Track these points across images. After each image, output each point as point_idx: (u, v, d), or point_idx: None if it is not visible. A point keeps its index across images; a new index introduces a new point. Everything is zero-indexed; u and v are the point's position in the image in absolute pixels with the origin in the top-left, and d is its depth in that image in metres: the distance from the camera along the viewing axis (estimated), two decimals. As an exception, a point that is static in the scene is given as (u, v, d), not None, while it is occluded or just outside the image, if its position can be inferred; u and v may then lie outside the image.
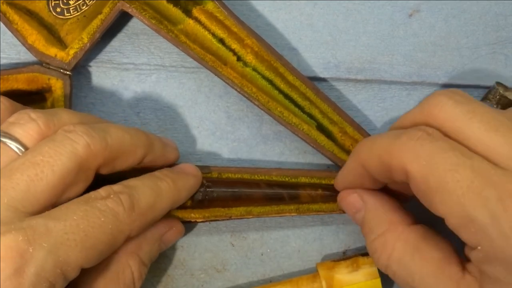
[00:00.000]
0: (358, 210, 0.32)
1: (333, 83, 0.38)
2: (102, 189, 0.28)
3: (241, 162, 0.37)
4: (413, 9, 0.38)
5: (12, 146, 0.27)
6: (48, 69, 0.34)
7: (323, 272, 0.34)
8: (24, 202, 0.25)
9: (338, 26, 0.37)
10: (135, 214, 0.28)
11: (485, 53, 0.38)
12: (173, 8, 0.35)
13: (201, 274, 0.36)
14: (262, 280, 0.37)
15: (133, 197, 0.28)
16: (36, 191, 0.25)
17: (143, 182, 0.29)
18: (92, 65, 0.37)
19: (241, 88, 0.34)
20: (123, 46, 0.37)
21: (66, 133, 0.27)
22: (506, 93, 0.35)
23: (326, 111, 0.35)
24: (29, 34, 0.34)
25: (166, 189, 0.30)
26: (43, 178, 0.26)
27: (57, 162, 0.26)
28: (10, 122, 0.28)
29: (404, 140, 0.26)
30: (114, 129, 0.29)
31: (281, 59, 0.35)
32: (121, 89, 0.37)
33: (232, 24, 0.35)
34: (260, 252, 0.37)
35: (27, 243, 0.23)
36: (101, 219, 0.26)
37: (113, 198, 0.27)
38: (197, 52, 0.34)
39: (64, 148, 0.26)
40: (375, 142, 0.29)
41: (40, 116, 0.28)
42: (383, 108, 0.38)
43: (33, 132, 0.27)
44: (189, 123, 0.37)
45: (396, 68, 0.38)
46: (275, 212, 0.35)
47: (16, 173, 0.25)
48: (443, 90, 0.28)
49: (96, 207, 0.26)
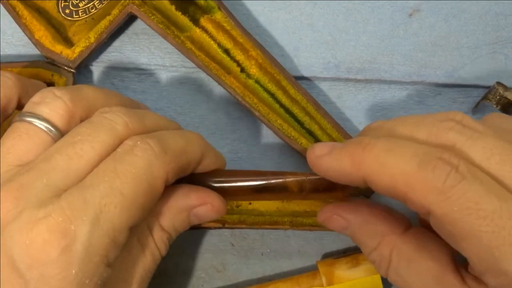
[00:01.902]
0: (344, 228, 0.30)
1: (333, 83, 0.38)
2: (129, 139, 0.26)
3: (241, 162, 0.37)
4: (413, 9, 0.38)
5: (42, 126, 0.26)
6: (52, 65, 0.35)
7: (323, 268, 0.34)
8: (64, 180, 0.24)
9: (338, 26, 0.37)
10: (168, 156, 0.26)
11: (485, 53, 0.38)
12: (181, 16, 0.35)
13: (201, 274, 0.36)
14: (262, 280, 0.37)
15: (162, 140, 0.26)
16: (77, 168, 0.25)
17: (171, 131, 0.28)
18: (93, 65, 0.37)
19: (243, 98, 0.34)
20: (123, 46, 0.37)
21: (103, 114, 0.27)
22: (506, 93, 0.35)
23: (325, 127, 0.35)
24: (37, 30, 0.35)
25: (195, 139, 0.29)
26: (83, 155, 0.25)
27: (96, 139, 0.25)
28: (34, 102, 0.27)
29: (430, 177, 0.23)
30: (150, 113, 0.29)
31: (284, 72, 0.35)
32: (121, 89, 0.37)
33: (238, 34, 0.35)
34: (260, 252, 0.37)
35: (68, 221, 0.23)
36: (132, 171, 0.25)
37: (140, 144, 0.26)
38: (202, 59, 0.34)
39: (102, 126, 0.26)
40: (388, 161, 0.25)
41: (65, 93, 0.27)
42: (383, 108, 0.38)
43: (61, 110, 0.27)
44: (189, 123, 0.37)
45: (396, 68, 0.38)
46: (268, 224, 0.35)
47: (55, 154, 0.25)
48: (450, 121, 0.25)
49: (125, 160, 0.25)
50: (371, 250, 0.29)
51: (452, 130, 0.25)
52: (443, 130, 0.25)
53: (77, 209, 0.23)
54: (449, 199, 0.23)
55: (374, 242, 0.29)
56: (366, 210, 0.30)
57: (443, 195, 0.23)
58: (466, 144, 0.25)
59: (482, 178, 0.23)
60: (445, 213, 0.23)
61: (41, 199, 0.24)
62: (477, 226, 0.22)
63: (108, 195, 0.24)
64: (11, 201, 0.24)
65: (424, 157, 0.24)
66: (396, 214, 0.30)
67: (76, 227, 0.23)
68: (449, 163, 0.23)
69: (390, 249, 0.28)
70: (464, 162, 0.24)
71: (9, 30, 0.37)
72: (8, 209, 0.23)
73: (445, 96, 0.38)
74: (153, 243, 0.28)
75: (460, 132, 0.25)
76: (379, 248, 0.29)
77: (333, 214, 0.30)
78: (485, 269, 0.23)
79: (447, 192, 0.23)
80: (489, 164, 0.24)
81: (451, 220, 0.23)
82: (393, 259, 0.28)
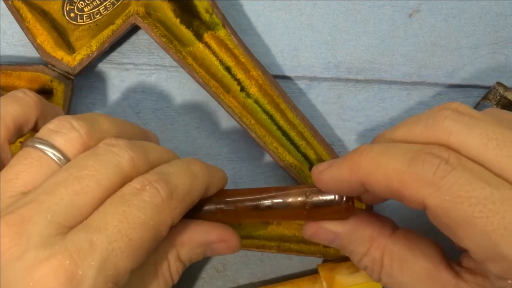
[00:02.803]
0: (332, 240, 0.30)
1: (333, 83, 0.38)
2: (135, 181, 0.26)
3: (240, 162, 0.37)
4: (413, 9, 0.38)
5: (54, 158, 0.26)
6: (52, 71, 0.34)
7: (323, 273, 0.34)
8: (68, 217, 0.24)
9: (338, 26, 0.37)
10: (174, 202, 0.26)
11: (485, 53, 0.38)
12: (185, 30, 0.35)
13: (201, 274, 0.36)
14: (262, 280, 0.37)
15: (169, 183, 0.26)
16: (80, 205, 0.24)
17: (175, 166, 0.28)
18: (93, 65, 0.37)
19: (240, 118, 0.35)
20: (123, 46, 0.37)
21: (109, 147, 0.26)
22: (506, 93, 0.35)
23: (321, 153, 0.35)
24: (39, 34, 0.35)
25: (199, 172, 0.28)
26: (88, 192, 0.24)
27: (102, 175, 0.25)
28: (50, 130, 0.26)
29: (420, 170, 0.24)
30: (153, 146, 0.28)
31: (284, 95, 0.35)
32: (121, 89, 0.37)
33: (240, 53, 0.35)
34: (260, 252, 0.37)
35: (75, 265, 0.23)
36: (141, 218, 0.24)
37: (149, 190, 0.25)
38: (202, 76, 0.35)
39: (109, 162, 0.25)
40: (382, 161, 0.25)
41: (82, 125, 0.26)
42: (383, 108, 0.38)
43: (76, 143, 0.26)
44: (189, 123, 0.37)
45: (396, 68, 0.38)
46: (255, 247, 0.35)
47: (60, 188, 0.24)
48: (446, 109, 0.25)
49: (133, 205, 0.25)
50: (362, 256, 0.29)
51: (448, 118, 0.25)
52: (439, 119, 0.25)
53: (84, 252, 0.23)
54: (440, 189, 0.23)
55: (364, 248, 0.29)
56: (351, 218, 0.29)
57: (434, 187, 0.23)
58: (463, 132, 0.25)
59: (472, 167, 0.24)
60: (438, 204, 0.23)
61: (45, 238, 0.23)
62: (470, 213, 0.23)
63: (116, 239, 0.24)
64: (13, 236, 0.23)
65: (415, 154, 0.24)
66: (381, 217, 0.30)
67: (83, 271, 0.23)
68: (438, 157, 0.24)
69: (381, 252, 0.28)
70: (454, 154, 0.24)
71: (9, 30, 0.37)
72: (9, 245, 0.23)
73: (445, 96, 0.38)
74: (169, 272, 0.29)
75: (456, 119, 0.25)
76: (370, 252, 0.29)
77: (318, 228, 0.30)
78: (485, 256, 0.23)
79: (437, 183, 0.23)
80: (486, 149, 0.24)
81: (444, 211, 0.23)
82: (385, 262, 0.28)
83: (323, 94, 0.38)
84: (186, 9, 0.35)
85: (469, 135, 0.24)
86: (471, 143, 0.24)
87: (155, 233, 0.25)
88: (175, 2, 0.35)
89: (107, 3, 0.35)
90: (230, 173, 0.37)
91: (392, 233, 0.29)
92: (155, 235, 0.25)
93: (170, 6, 0.35)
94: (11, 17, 0.35)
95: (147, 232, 0.25)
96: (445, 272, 0.27)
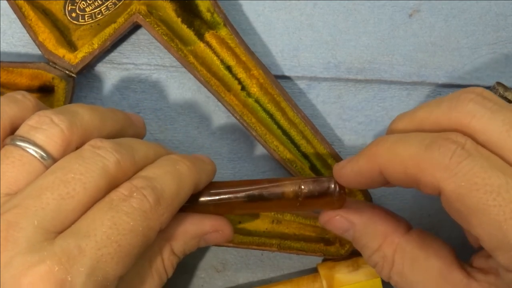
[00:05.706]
0: (346, 230, 0.30)
1: (333, 83, 0.38)
2: (122, 186, 0.26)
3: (240, 162, 0.37)
4: (413, 9, 0.38)
5: (36, 155, 0.25)
6: (54, 68, 0.35)
7: (323, 271, 0.34)
8: (54, 222, 0.24)
9: (338, 26, 0.37)
10: (162, 208, 0.26)
11: (485, 53, 0.38)
12: (187, 29, 0.35)
13: (201, 274, 0.36)
14: (262, 280, 0.37)
15: (156, 189, 0.26)
16: (67, 209, 0.24)
17: (161, 169, 0.28)
18: (93, 65, 0.37)
19: (241, 117, 0.35)
20: (123, 46, 0.37)
21: (94, 149, 0.26)
22: (506, 93, 0.35)
23: (321, 152, 0.35)
24: (41, 32, 0.35)
25: (186, 172, 0.28)
26: (75, 196, 0.24)
27: (88, 179, 0.25)
28: (30, 126, 0.26)
29: (436, 155, 0.24)
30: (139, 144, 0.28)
31: (284, 94, 0.35)
32: (121, 89, 0.37)
33: (241, 52, 0.35)
34: (260, 252, 0.37)
35: (65, 271, 0.22)
36: (130, 224, 0.24)
37: (136, 196, 0.25)
38: (203, 75, 0.35)
39: (95, 165, 0.25)
40: (398, 148, 0.26)
41: (63, 120, 0.26)
42: (383, 108, 0.38)
43: (57, 139, 0.26)
44: (189, 123, 0.37)
45: (396, 68, 0.38)
46: (256, 245, 0.35)
47: (46, 192, 0.24)
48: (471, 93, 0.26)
49: (122, 211, 0.25)
50: (373, 251, 0.29)
51: (473, 101, 0.25)
52: (463, 101, 0.25)
53: (73, 258, 0.23)
54: (456, 175, 0.23)
55: (376, 243, 0.29)
56: (368, 211, 0.30)
57: (450, 171, 0.24)
58: (486, 116, 0.25)
59: (488, 155, 0.24)
60: (453, 189, 0.24)
61: (32, 243, 0.23)
62: (484, 200, 0.23)
63: (106, 245, 0.24)
64: None
65: (431, 140, 0.25)
66: (397, 216, 0.30)
67: (72, 278, 0.22)
68: (455, 142, 0.24)
69: (393, 249, 0.28)
70: (470, 141, 0.24)
71: (9, 30, 0.37)
72: None
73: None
74: (163, 266, 0.29)
75: (480, 103, 0.25)
76: (382, 248, 0.29)
77: (335, 215, 0.30)
78: (495, 245, 0.23)
79: (453, 168, 0.24)
80: (507, 136, 0.24)
81: (459, 196, 0.24)
82: (396, 260, 0.28)
83: (323, 94, 0.38)
84: (187, 9, 0.35)
85: (492, 120, 0.25)
86: (493, 128, 0.24)
87: (143, 239, 0.25)
88: (177, 2, 0.35)
89: (109, 3, 0.35)
90: (230, 173, 0.37)
91: (406, 232, 0.29)
92: (144, 241, 0.25)
93: (171, 6, 0.35)
94: (11, 17, 0.35)
95: (136, 238, 0.25)
96: (457, 272, 0.27)
